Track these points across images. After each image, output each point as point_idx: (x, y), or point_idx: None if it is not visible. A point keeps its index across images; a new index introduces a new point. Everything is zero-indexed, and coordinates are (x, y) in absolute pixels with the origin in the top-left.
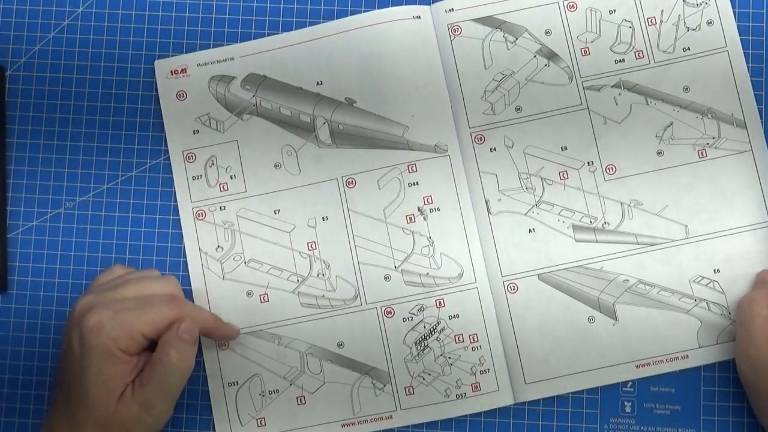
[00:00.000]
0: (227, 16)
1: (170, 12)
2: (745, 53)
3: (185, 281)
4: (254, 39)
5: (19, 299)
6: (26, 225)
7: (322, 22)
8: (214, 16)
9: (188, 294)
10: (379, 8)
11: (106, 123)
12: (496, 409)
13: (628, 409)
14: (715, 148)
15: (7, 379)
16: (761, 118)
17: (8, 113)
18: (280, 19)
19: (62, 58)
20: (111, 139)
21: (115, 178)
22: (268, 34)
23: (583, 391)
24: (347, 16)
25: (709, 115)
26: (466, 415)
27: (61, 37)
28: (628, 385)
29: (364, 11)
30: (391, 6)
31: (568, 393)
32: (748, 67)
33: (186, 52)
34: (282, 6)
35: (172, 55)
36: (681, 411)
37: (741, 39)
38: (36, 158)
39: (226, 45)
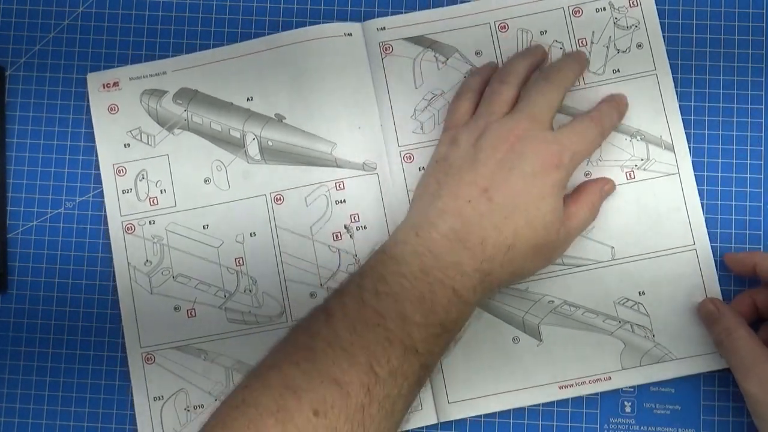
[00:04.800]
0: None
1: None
2: (674, 77)
3: (113, 292)
4: (187, 53)
5: (19, 299)
6: (26, 225)
7: (254, 38)
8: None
9: (115, 305)
10: (311, 23)
11: None
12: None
13: (628, 409)
14: (644, 170)
15: (7, 379)
16: (689, 142)
17: (8, 113)
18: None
19: (62, 58)
20: None
21: None
22: (201, 48)
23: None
24: (279, 31)
25: (638, 137)
26: None
27: (61, 37)
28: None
29: (297, 26)
30: (323, 20)
31: (495, 412)
32: (676, 91)
33: (119, 65)
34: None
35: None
36: (681, 411)
37: (670, 63)
38: (36, 158)
39: (159, 60)
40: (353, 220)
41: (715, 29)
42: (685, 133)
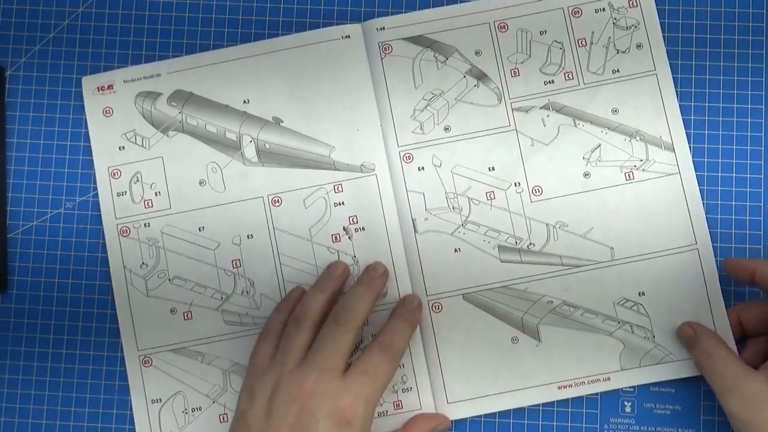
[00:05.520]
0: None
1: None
2: (674, 77)
3: (113, 292)
4: (188, 53)
5: (19, 299)
6: (26, 225)
7: (254, 39)
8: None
9: (112, 305)
10: (311, 24)
11: None
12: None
13: (628, 409)
14: (643, 170)
15: (7, 379)
16: (689, 142)
17: (8, 113)
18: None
19: (62, 58)
20: None
21: None
22: (202, 49)
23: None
24: (278, 32)
25: (638, 138)
26: None
27: (61, 37)
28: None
29: (296, 27)
30: (323, 20)
31: (494, 412)
32: (676, 91)
33: (119, 65)
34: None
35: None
36: (681, 411)
37: (670, 63)
38: (36, 158)
39: (154, 62)
40: (352, 222)
41: (715, 29)
42: (686, 132)
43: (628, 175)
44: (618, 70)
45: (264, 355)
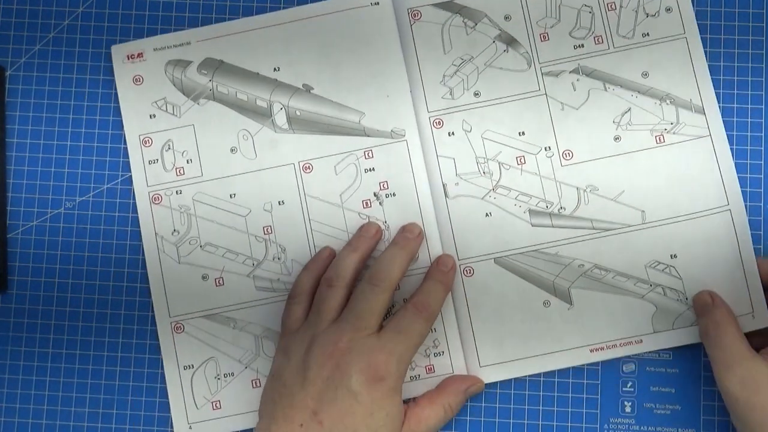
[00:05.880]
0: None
1: None
2: (702, 39)
3: (142, 265)
4: (212, 24)
5: (19, 299)
6: (26, 225)
7: (282, 8)
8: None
9: (144, 278)
10: None
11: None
12: (496, 406)
13: (628, 409)
14: (673, 133)
15: (7, 379)
16: (719, 103)
17: (8, 113)
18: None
19: (62, 58)
20: (111, 140)
21: (115, 178)
22: (228, 19)
23: (582, 389)
24: (308, 1)
25: (668, 101)
26: None
27: (61, 37)
28: (628, 385)
29: None
30: None
31: (525, 376)
32: (706, 53)
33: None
34: None
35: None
36: (681, 411)
37: (699, 25)
38: (36, 158)
39: (184, 29)
40: (382, 188)
41: None
42: (716, 93)
43: (659, 138)
44: (648, 34)
45: (296, 316)
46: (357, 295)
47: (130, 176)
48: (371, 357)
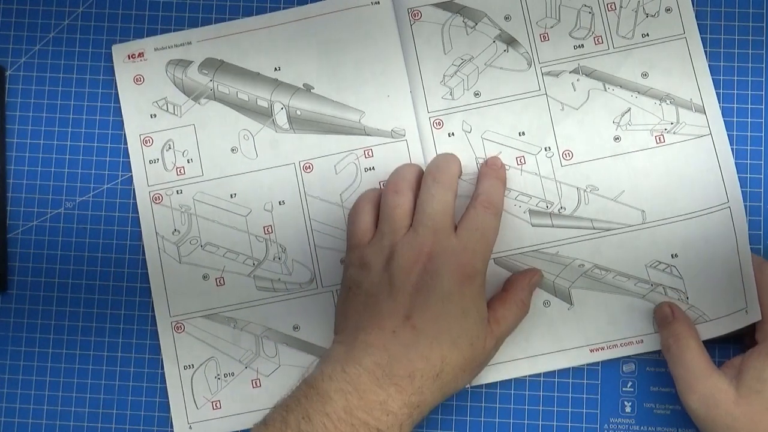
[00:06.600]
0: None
1: None
2: (702, 39)
3: (142, 265)
4: (213, 24)
5: (19, 299)
6: (26, 225)
7: (282, 8)
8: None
9: (144, 278)
10: None
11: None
12: (496, 406)
13: (628, 409)
14: (673, 133)
15: (7, 379)
16: (719, 103)
17: (8, 113)
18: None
19: (62, 58)
20: (111, 139)
21: (115, 178)
22: (228, 19)
23: (582, 389)
24: (308, 1)
25: (668, 101)
26: None
27: (61, 37)
28: (628, 385)
29: None
30: None
31: (525, 376)
32: (706, 53)
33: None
34: None
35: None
36: (681, 411)
37: (699, 25)
38: (36, 158)
39: (184, 29)
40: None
41: None
42: (716, 93)
43: (659, 138)
44: (647, 34)
45: (365, 228)
46: (425, 197)
47: (131, 176)
48: (458, 257)
